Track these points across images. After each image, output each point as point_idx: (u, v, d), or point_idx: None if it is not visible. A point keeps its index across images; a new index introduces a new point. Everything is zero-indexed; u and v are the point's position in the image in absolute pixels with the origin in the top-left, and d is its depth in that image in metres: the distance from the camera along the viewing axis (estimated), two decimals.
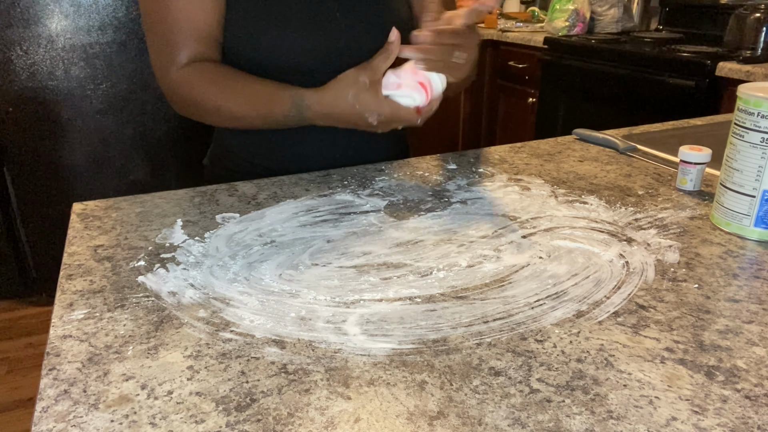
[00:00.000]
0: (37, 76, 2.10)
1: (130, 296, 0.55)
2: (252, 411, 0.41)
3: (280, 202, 0.76)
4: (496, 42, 2.82)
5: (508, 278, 0.58)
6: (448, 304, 0.53)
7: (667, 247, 0.64)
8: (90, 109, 2.19)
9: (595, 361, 0.46)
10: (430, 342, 0.48)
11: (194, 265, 0.60)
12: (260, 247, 0.64)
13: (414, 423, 0.40)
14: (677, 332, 0.49)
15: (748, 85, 0.65)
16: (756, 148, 0.63)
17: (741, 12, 2.00)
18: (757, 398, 0.42)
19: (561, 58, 2.41)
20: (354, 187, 0.81)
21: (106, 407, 0.41)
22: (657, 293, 0.55)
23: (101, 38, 2.14)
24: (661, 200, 0.76)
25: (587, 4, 2.55)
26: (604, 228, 0.68)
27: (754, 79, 1.76)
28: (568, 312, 0.52)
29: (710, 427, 0.39)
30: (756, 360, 0.46)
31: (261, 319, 0.51)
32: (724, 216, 0.67)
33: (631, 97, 2.13)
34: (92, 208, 0.75)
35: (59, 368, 0.45)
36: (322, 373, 0.45)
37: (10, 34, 2.03)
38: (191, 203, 0.76)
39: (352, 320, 0.51)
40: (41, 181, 2.21)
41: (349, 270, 0.59)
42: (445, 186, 0.81)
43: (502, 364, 0.45)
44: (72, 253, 0.64)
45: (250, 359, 0.46)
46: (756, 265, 0.60)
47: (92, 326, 0.51)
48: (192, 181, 0.89)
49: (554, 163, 0.90)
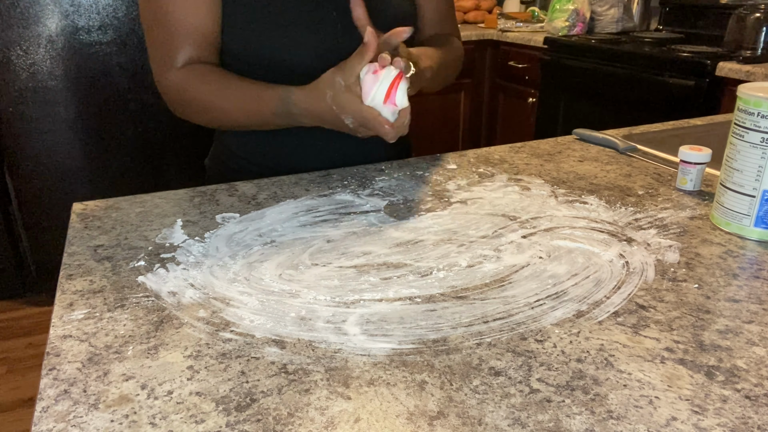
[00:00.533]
0: (37, 76, 2.10)
1: (130, 296, 0.55)
2: (252, 411, 0.41)
3: (280, 202, 0.76)
4: (496, 42, 2.82)
5: (508, 278, 0.58)
6: (448, 304, 0.53)
7: (667, 247, 0.64)
8: (90, 109, 2.19)
9: (595, 361, 0.46)
10: (430, 342, 0.48)
11: (194, 265, 0.60)
12: (260, 247, 0.64)
13: (414, 423, 0.40)
14: (677, 332, 0.49)
15: (748, 85, 0.65)
16: (756, 148, 0.63)
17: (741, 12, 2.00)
18: (757, 398, 0.42)
19: (561, 58, 2.41)
20: (354, 187, 0.81)
21: (106, 407, 0.41)
22: (657, 293, 0.55)
23: (101, 38, 2.14)
24: (661, 200, 0.76)
25: (587, 4, 2.55)
26: (604, 228, 0.68)
27: (754, 79, 1.76)
28: (568, 312, 0.52)
29: (710, 427, 0.39)
30: (756, 360, 0.46)
31: (261, 319, 0.51)
32: (724, 216, 0.67)
33: (631, 97, 2.13)
34: (92, 208, 0.75)
35: (59, 368, 0.45)
36: (322, 373, 0.45)
37: (10, 34, 2.03)
38: (191, 203, 0.76)
39: (352, 320, 0.51)
40: (41, 181, 2.21)
41: (349, 270, 0.59)
42: (445, 186, 0.81)
43: (502, 364, 0.45)
44: (72, 253, 0.64)
45: (250, 359, 0.46)
46: (756, 265, 0.60)
47: (92, 326, 0.51)
48: (192, 181, 0.89)
49: (554, 163, 0.90)
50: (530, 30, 2.77)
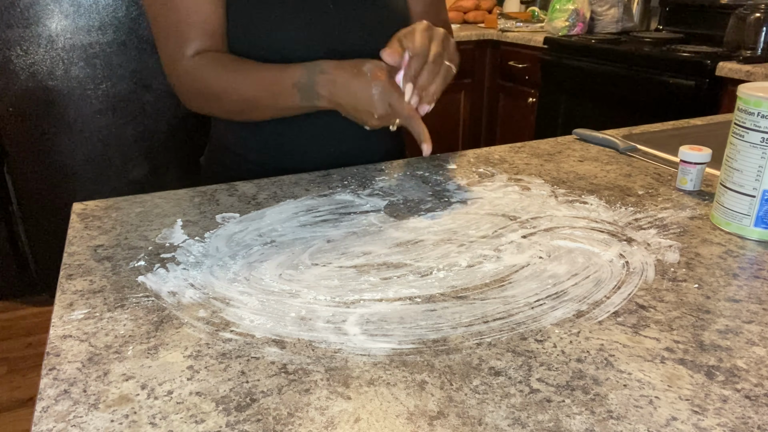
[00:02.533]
0: (37, 76, 2.10)
1: (130, 296, 0.55)
2: (252, 411, 0.41)
3: (280, 202, 0.76)
4: (496, 42, 2.82)
5: (508, 278, 0.58)
6: (448, 304, 0.53)
7: (667, 247, 0.64)
8: (90, 109, 2.19)
9: (595, 361, 0.46)
10: (430, 342, 0.48)
11: (194, 265, 0.60)
12: (260, 247, 0.64)
13: (414, 423, 0.40)
14: (677, 332, 0.49)
15: (748, 85, 0.65)
16: (756, 148, 0.63)
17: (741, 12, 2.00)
18: (757, 398, 0.42)
19: (561, 58, 2.41)
20: (354, 187, 0.81)
21: (106, 407, 0.41)
22: (657, 293, 0.55)
23: (101, 38, 2.14)
24: (661, 200, 0.76)
25: (587, 4, 2.55)
26: (604, 228, 0.68)
27: (754, 79, 1.76)
28: (568, 312, 0.52)
29: (710, 427, 0.39)
30: (756, 360, 0.46)
31: (261, 319, 0.51)
32: (724, 216, 0.67)
33: (631, 97, 2.13)
34: (92, 208, 0.75)
35: (59, 368, 0.45)
36: (322, 373, 0.45)
37: (10, 34, 2.03)
38: (191, 203, 0.76)
39: (352, 320, 0.51)
40: (41, 181, 2.21)
41: (349, 270, 0.59)
42: (445, 186, 0.81)
43: (502, 364, 0.45)
44: (72, 253, 0.64)
45: (250, 359, 0.46)
46: (756, 265, 0.60)
47: (92, 326, 0.51)
48: (192, 181, 0.89)
49: (554, 163, 0.90)
50: (530, 30, 2.77)
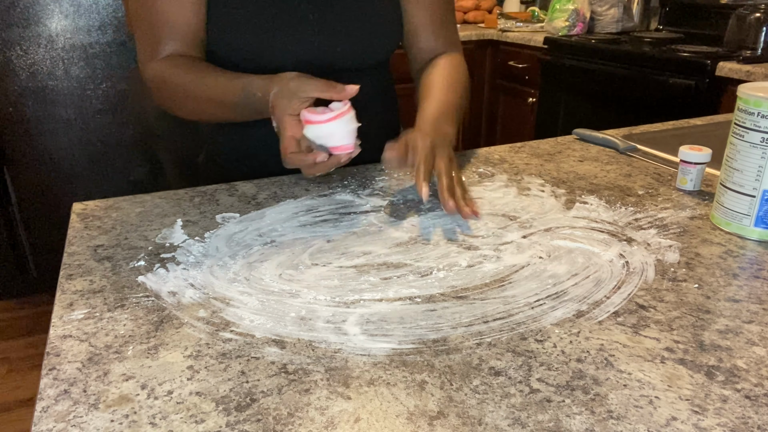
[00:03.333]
0: (37, 76, 2.10)
1: (130, 296, 0.55)
2: (252, 411, 0.41)
3: (280, 202, 0.76)
4: (496, 42, 2.82)
5: (508, 278, 0.58)
6: (448, 304, 0.53)
7: (667, 247, 0.64)
8: (90, 109, 2.19)
9: (595, 361, 0.46)
10: (430, 342, 0.48)
11: (194, 265, 0.60)
12: (260, 247, 0.64)
13: (414, 423, 0.40)
14: (677, 332, 0.49)
15: (748, 85, 0.65)
16: (756, 148, 0.63)
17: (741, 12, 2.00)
18: (757, 398, 0.42)
19: (561, 58, 2.41)
20: (354, 187, 0.81)
21: (106, 407, 0.41)
22: (657, 293, 0.55)
23: (101, 38, 2.14)
24: (661, 200, 0.76)
25: (587, 4, 2.55)
26: (604, 228, 0.68)
27: (754, 79, 1.76)
28: (568, 312, 0.52)
29: (710, 427, 0.39)
30: (756, 360, 0.46)
31: (261, 319, 0.51)
32: (724, 216, 0.67)
33: (631, 97, 2.13)
34: (92, 208, 0.75)
35: (59, 368, 0.45)
36: (322, 373, 0.45)
37: (10, 34, 2.03)
38: (191, 203, 0.76)
39: (352, 320, 0.51)
40: (41, 181, 2.21)
41: (349, 270, 0.59)
42: None
43: (502, 364, 0.45)
44: (72, 253, 0.64)
45: (250, 359, 0.46)
46: (756, 265, 0.60)
47: (92, 326, 0.51)
48: (192, 181, 0.89)
49: (554, 163, 0.90)
50: (530, 30, 2.77)
